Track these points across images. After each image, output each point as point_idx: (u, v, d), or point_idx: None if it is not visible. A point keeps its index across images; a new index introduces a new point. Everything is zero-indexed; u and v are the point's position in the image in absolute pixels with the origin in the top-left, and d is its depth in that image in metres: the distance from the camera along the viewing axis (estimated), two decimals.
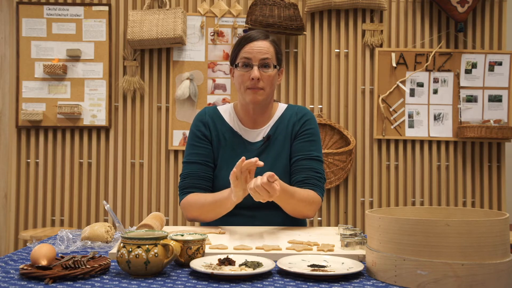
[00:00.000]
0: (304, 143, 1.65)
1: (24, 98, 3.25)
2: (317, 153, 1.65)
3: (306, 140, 1.65)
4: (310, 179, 1.60)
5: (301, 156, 1.63)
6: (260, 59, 1.56)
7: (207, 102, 3.29)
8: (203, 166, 1.63)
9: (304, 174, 1.61)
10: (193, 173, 1.62)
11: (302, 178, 1.61)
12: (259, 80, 1.56)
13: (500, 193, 3.35)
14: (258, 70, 1.56)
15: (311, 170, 1.61)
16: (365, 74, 3.36)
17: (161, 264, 1.00)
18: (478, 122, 3.30)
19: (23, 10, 3.27)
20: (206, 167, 1.63)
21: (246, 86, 1.58)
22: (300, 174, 1.61)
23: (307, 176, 1.61)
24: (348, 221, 3.29)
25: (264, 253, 1.15)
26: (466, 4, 3.20)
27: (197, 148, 1.65)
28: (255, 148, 1.65)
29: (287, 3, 3.16)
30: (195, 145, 1.66)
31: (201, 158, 1.64)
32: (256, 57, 1.56)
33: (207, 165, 1.64)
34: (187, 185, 1.62)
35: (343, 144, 3.29)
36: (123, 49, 3.31)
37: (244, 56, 1.57)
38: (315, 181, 1.61)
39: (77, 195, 3.27)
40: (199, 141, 1.65)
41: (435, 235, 0.89)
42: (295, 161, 1.64)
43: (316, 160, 1.64)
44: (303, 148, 1.64)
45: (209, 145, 1.66)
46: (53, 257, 1.02)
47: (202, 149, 1.65)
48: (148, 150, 3.30)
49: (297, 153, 1.64)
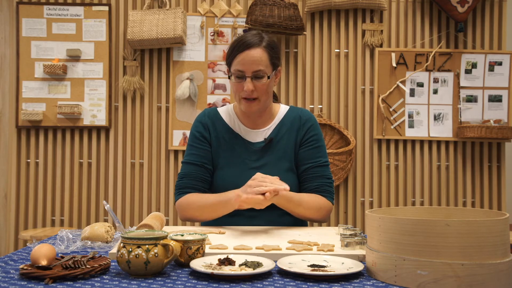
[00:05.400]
0: (311, 150, 1.67)
1: (24, 98, 3.25)
2: (325, 158, 1.69)
3: (313, 147, 1.68)
4: (323, 186, 1.65)
5: (311, 164, 1.66)
6: (253, 71, 1.55)
7: (207, 102, 3.29)
8: (200, 167, 1.64)
9: (316, 182, 1.65)
10: (190, 174, 1.63)
11: (315, 186, 1.65)
12: (253, 91, 1.56)
13: (500, 193, 3.35)
14: (251, 82, 1.55)
15: (322, 177, 1.66)
16: (365, 74, 3.36)
17: (161, 264, 1.00)
18: (478, 122, 3.30)
19: (23, 10, 3.26)
20: (203, 169, 1.64)
21: (240, 96, 1.59)
22: (312, 183, 1.66)
23: (319, 184, 1.65)
24: (348, 221, 3.29)
25: (264, 253, 1.15)
26: (466, 4, 3.20)
27: (196, 149, 1.66)
28: (255, 149, 1.65)
29: (287, 3, 3.16)
30: (194, 146, 1.67)
31: (199, 160, 1.64)
32: (249, 69, 1.55)
33: (204, 167, 1.64)
34: (183, 185, 1.63)
35: (343, 144, 3.29)
36: (123, 49, 3.31)
37: (237, 69, 1.56)
38: (326, 187, 1.66)
39: (77, 195, 3.27)
40: (198, 143, 1.66)
41: (435, 235, 0.89)
42: (306, 169, 1.66)
43: (325, 166, 1.68)
44: (312, 156, 1.67)
45: (207, 146, 1.66)
46: (53, 257, 1.02)
47: (200, 150, 1.65)
48: (148, 150, 3.30)
49: (306, 161, 1.67)
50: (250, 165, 1.63)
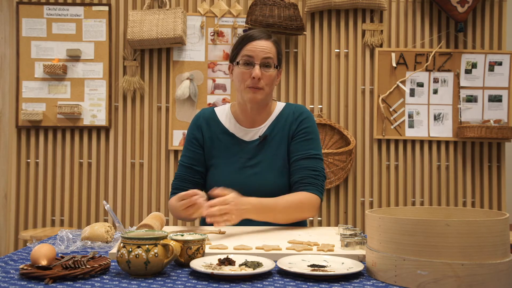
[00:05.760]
0: (301, 142, 1.63)
1: (24, 98, 3.25)
2: (315, 151, 1.62)
3: (303, 139, 1.63)
4: (305, 178, 1.58)
5: (298, 156, 1.61)
6: (262, 57, 1.56)
7: (207, 102, 3.29)
8: (189, 169, 1.66)
9: (300, 174, 1.59)
10: (180, 175, 1.67)
11: (298, 178, 1.59)
12: (259, 80, 1.55)
13: (500, 193, 3.35)
14: (259, 69, 1.55)
15: (306, 169, 1.59)
16: (365, 74, 3.36)
17: (161, 264, 1.00)
18: (478, 122, 3.30)
19: (23, 10, 3.26)
20: (192, 171, 1.66)
21: (246, 85, 1.57)
22: (296, 175, 1.60)
23: (303, 176, 1.58)
24: (348, 221, 3.29)
25: (264, 253, 1.15)
26: (466, 4, 3.20)
27: (188, 151, 1.68)
28: (250, 147, 1.64)
29: (287, 3, 3.16)
30: (187, 147, 1.69)
31: (189, 162, 1.66)
32: (259, 55, 1.55)
33: (193, 169, 1.66)
34: (174, 186, 1.67)
35: (343, 144, 3.29)
36: (123, 49, 3.31)
37: (246, 54, 1.56)
38: (311, 179, 1.58)
39: (77, 195, 3.27)
40: (190, 144, 1.68)
41: (435, 235, 0.89)
42: (293, 162, 1.62)
43: (314, 158, 1.61)
44: (301, 148, 1.62)
45: (199, 149, 1.67)
46: (53, 257, 1.02)
47: (191, 152, 1.67)
48: (148, 150, 3.30)
49: (295, 153, 1.62)
50: (245, 163, 1.62)
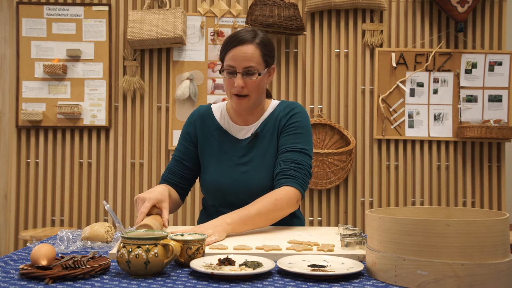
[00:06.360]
0: (289, 136, 1.59)
1: (24, 98, 3.25)
2: (302, 145, 1.57)
3: (291, 133, 1.60)
4: (286, 170, 1.52)
5: (283, 149, 1.57)
6: (244, 67, 1.53)
7: (207, 102, 3.29)
8: (179, 163, 1.69)
9: (282, 166, 1.53)
10: (169, 167, 1.70)
11: (279, 170, 1.53)
12: (243, 88, 1.54)
13: (500, 193, 3.35)
14: (241, 78, 1.53)
15: (289, 161, 1.53)
16: (365, 74, 3.36)
17: (161, 264, 1.00)
18: (478, 122, 3.30)
19: (23, 10, 3.26)
20: (181, 165, 1.68)
21: (232, 92, 1.57)
22: (278, 167, 1.55)
23: (284, 167, 1.52)
24: (348, 221, 3.29)
25: (264, 253, 1.15)
26: (466, 4, 3.20)
27: (181, 146, 1.72)
28: (242, 145, 1.64)
29: (287, 3, 3.16)
30: (180, 142, 1.72)
31: (180, 156, 1.69)
32: (240, 65, 1.53)
33: (183, 163, 1.68)
34: (163, 176, 1.71)
35: (343, 144, 3.29)
36: (123, 49, 3.31)
37: (229, 64, 1.55)
38: (292, 171, 1.51)
39: (77, 195, 3.27)
40: (183, 139, 1.72)
41: (435, 235, 0.89)
42: (278, 155, 1.59)
43: (299, 152, 1.55)
44: (287, 141, 1.58)
45: (190, 145, 1.69)
46: (53, 257, 1.02)
47: (183, 147, 1.70)
48: (148, 150, 3.30)
49: (281, 146, 1.59)
50: (236, 161, 1.62)
